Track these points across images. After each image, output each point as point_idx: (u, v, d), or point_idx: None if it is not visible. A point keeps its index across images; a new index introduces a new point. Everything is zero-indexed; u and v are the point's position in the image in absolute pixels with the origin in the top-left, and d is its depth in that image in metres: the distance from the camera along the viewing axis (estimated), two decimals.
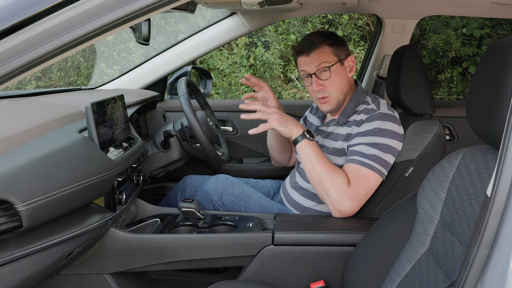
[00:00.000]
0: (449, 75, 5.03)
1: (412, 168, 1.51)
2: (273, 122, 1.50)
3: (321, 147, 1.64)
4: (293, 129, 1.52)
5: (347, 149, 1.54)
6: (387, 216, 1.24)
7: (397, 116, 1.55)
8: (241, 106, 1.55)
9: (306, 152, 1.50)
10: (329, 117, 1.72)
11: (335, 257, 1.39)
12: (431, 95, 1.61)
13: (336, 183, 1.45)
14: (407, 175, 1.52)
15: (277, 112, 1.53)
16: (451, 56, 4.93)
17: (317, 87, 1.58)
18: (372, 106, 1.57)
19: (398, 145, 1.51)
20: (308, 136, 1.51)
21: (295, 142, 1.52)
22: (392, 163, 1.51)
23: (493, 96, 0.86)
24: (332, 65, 1.56)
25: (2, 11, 0.84)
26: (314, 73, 1.57)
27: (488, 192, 0.73)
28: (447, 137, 2.46)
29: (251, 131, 1.49)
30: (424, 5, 2.16)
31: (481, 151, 0.97)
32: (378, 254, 1.19)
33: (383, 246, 1.19)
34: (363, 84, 2.56)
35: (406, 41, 2.33)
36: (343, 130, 1.59)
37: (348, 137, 1.56)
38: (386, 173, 1.49)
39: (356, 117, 1.57)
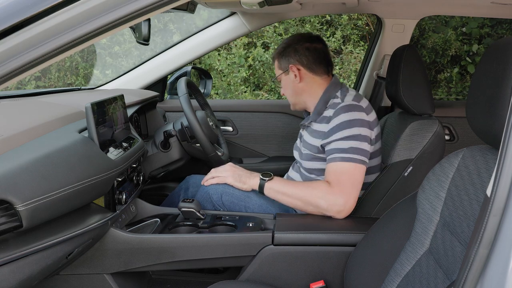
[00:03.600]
0: (448, 74, 5.02)
1: (411, 167, 1.51)
2: (227, 178, 1.64)
3: (304, 142, 1.68)
4: (249, 181, 1.61)
5: (324, 148, 1.55)
6: (387, 216, 1.24)
7: (363, 106, 1.56)
8: (202, 183, 1.70)
9: (275, 190, 1.56)
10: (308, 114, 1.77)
11: (335, 257, 1.39)
12: (431, 95, 1.61)
13: (318, 193, 1.49)
14: (406, 174, 1.52)
15: (230, 170, 1.67)
16: (450, 55, 4.92)
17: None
18: (339, 99, 1.59)
19: (369, 132, 1.52)
20: (266, 178, 1.58)
21: (261, 190, 1.58)
22: (370, 150, 1.51)
23: (493, 96, 0.86)
24: (277, 76, 1.73)
25: (2, 11, 0.84)
26: None
27: (488, 192, 0.73)
28: (447, 137, 2.46)
29: (203, 183, 1.69)
30: (424, 5, 2.16)
31: (481, 151, 0.97)
32: (378, 254, 1.19)
33: (383, 246, 1.19)
34: (363, 84, 2.55)
35: (406, 41, 2.32)
36: (317, 127, 1.62)
37: (321, 134, 1.57)
38: (367, 160, 1.50)
39: (326, 113, 1.60)
